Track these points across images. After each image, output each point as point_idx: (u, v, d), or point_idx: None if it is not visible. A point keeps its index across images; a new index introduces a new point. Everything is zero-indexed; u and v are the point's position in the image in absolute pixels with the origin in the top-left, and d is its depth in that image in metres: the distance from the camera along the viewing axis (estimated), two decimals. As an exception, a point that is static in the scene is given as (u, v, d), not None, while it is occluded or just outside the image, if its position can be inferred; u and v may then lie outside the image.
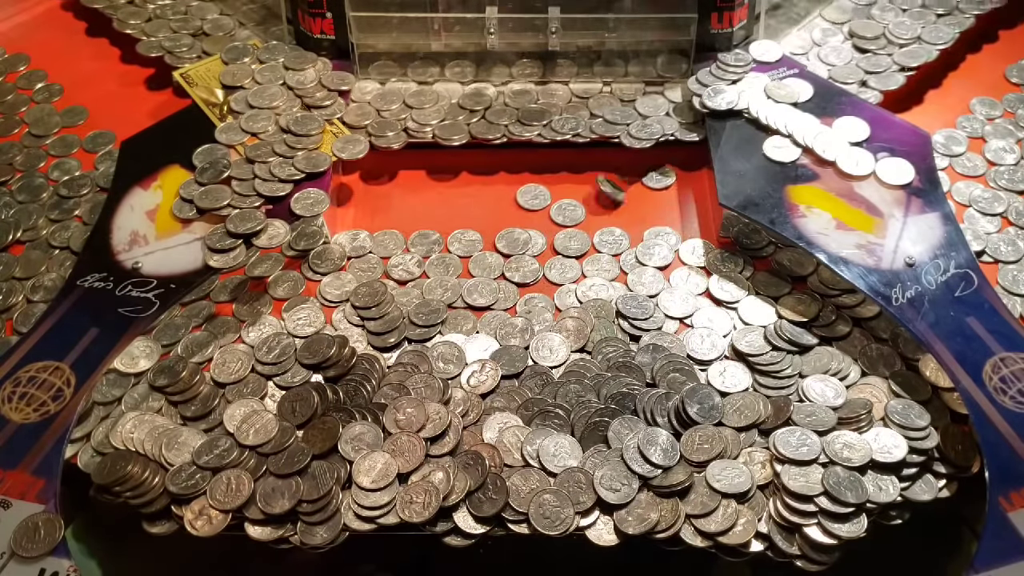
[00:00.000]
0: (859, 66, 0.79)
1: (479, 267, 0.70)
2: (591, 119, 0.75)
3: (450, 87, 0.78)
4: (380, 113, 0.76)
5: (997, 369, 0.59)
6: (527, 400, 0.61)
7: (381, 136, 0.74)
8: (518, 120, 0.75)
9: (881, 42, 0.80)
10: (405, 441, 0.59)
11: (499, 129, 0.74)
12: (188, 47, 0.82)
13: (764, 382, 0.62)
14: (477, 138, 0.74)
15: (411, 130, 0.74)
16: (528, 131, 0.74)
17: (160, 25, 0.84)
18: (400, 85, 0.78)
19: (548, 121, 0.74)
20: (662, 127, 0.74)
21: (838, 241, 0.65)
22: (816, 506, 0.56)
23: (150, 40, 0.83)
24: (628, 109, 0.76)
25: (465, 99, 0.77)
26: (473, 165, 0.76)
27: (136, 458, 0.59)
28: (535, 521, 0.56)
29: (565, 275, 0.69)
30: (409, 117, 0.75)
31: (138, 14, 0.85)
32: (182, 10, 0.85)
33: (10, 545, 0.55)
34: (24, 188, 0.75)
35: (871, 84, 0.77)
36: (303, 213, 0.68)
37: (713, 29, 0.78)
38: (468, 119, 0.75)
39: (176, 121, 0.75)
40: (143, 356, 0.64)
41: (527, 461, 0.58)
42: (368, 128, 0.74)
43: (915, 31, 0.81)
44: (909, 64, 0.78)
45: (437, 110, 0.76)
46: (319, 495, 0.56)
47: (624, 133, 0.74)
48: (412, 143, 0.74)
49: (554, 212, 0.73)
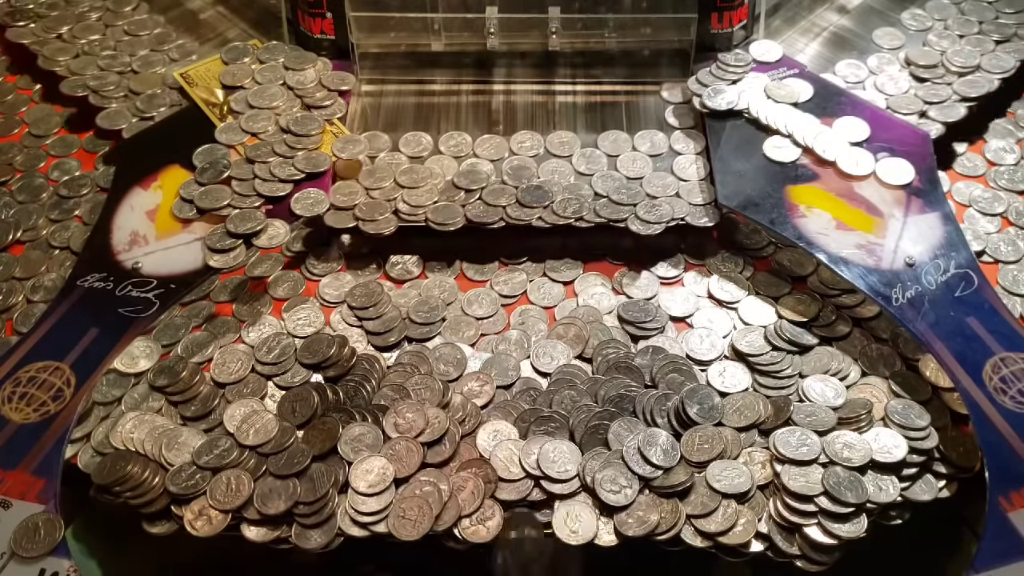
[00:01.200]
0: (917, 95, 0.75)
1: (475, 269, 0.70)
2: (595, 199, 0.69)
3: (444, 162, 0.72)
4: (369, 193, 0.70)
5: (997, 369, 0.59)
6: (523, 412, 0.61)
7: (369, 221, 0.68)
8: (517, 201, 0.69)
9: (939, 71, 0.77)
10: (403, 446, 0.58)
11: (497, 212, 0.68)
12: (115, 85, 0.79)
13: (764, 382, 0.62)
14: (474, 222, 0.68)
15: (403, 213, 0.69)
16: (528, 215, 0.68)
17: (88, 62, 0.81)
18: (390, 159, 0.73)
19: (549, 203, 0.69)
20: (672, 209, 0.68)
21: (838, 241, 0.65)
22: (816, 506, 0.56)
23: (75, 78, 0.79)
24: (635, 187, 0.70)
25: (460, 178, 0.70)
26: (468, 250, 0.71)
27: (136, 458, 0.59)
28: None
29: (555, 290, 0.68)
30: (400, 198, 0.69)
31: (65, 50, 0.82)
32: (111, 45, 0.83)
33: (10, 545, 0.55)
34: (24, 188, 0.75)
35: (931, 115, 0.74)
36: (303, 213, 0.68)
37: (713, 29, 0.78)
38: (464, 200, 0.69)
39: (176, 121, 0.75)
40: (143, 356, 0.64)
41: (527, 471, 0.58)
42: (356, 212, 0.68)
43: (974, 59, 0.77)
44: (969, 94, 0.75)
45: (430, 190, 0.70)
46: (315, 498, 0.56)
47: (631, 215, 0.68)
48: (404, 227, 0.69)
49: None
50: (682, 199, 0.70)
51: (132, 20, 0.85)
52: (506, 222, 0.68)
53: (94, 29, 0.84)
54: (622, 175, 0.71)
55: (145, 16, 0.86)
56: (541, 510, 0.58)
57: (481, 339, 0.66)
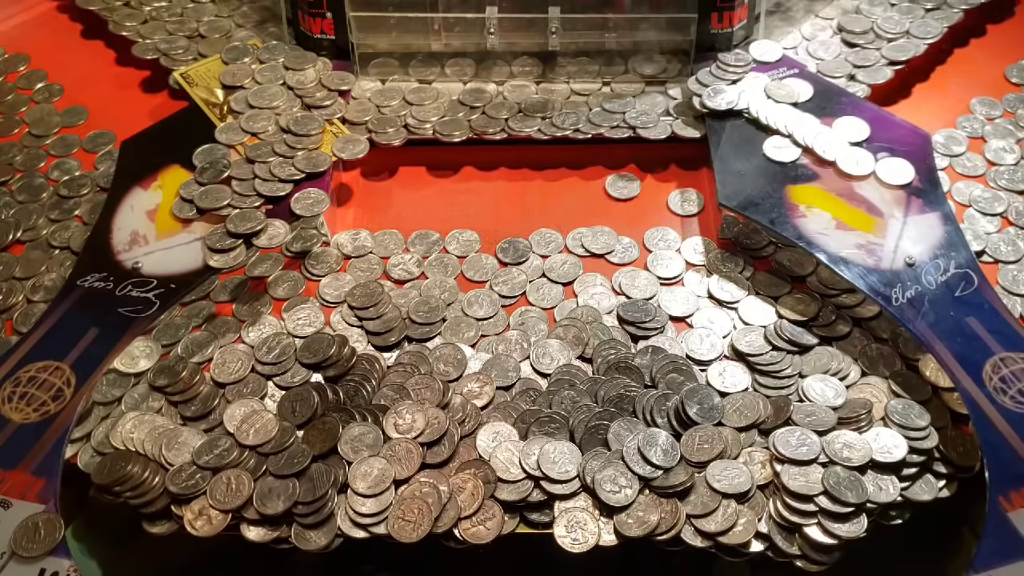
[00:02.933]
0: (848, 60, 0.79)
1: (475, 269, 0.69)
2: (591, 111, 0.75)
3: (450, 85, 0.78)
4: (380, 110, 0.76)
5: (997, 369, 0.59)
6: (523, 413, 0.61)
7: (381, 132, 0.74)
8: (519, 111, 0.75)
9: (870, 36, 0.81)
10: (403, 448, 0.58)
11: (499, 123, 0.74)
12: (184, 49, 0.81)
13: (764, 382, 0.62)
14: (477, 132, 0.74)
15: (411, 126, 0.75)
16: (528, 126, 0.74)
17: (156, 27, 0.84)
18: (400, 84, 0.78)
19: (548, 115, 0.74)
20: (669, 125, 0.74)
21: (838, 241, 0.65)
22: (816, 506, 0.56)
23: (145, 42, 0.82)
24: (628, 101, 0.76)
25: (465, 95, 0.77)
26: (474, 161, 0.76)
27: (136, 458, 0.59)
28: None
29: (554, 291, 0.69)
30: (409, 114, 0.75)
31: (133, 16, 0.85)
32: (178, 12, 0.85)
33: (10, 545, 0.55)
34: (24, 188, 0.75)
35: (859, 78, 0.77)
36: (303, 213, 0.68)
37: (713, 29, 0.78)
38: (468, 115, 0.75)
39: (176, 121, 0.75)
40: (143, 356, 0.64)
41: (527, 472, 0.58)
42: (368, 124, 0.74)
43: (903, 26, 0.81)
44: (897, 58, 0.78)
45: (437, 107, 0.76)
46: (315, 497, 0.56)
47: (621, 121, 0.74)
48: (412, 140, 0.74)
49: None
50: (671, 114, 0.75)
51: None
52: (508, 133, 0.74)
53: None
54: (616, 96, 0.77)
55: None
56: (541, 511, 0.58)
57: (481, 340, 0.66)
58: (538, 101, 0.76)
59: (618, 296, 0.68)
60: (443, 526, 0.56)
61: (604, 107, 0.75)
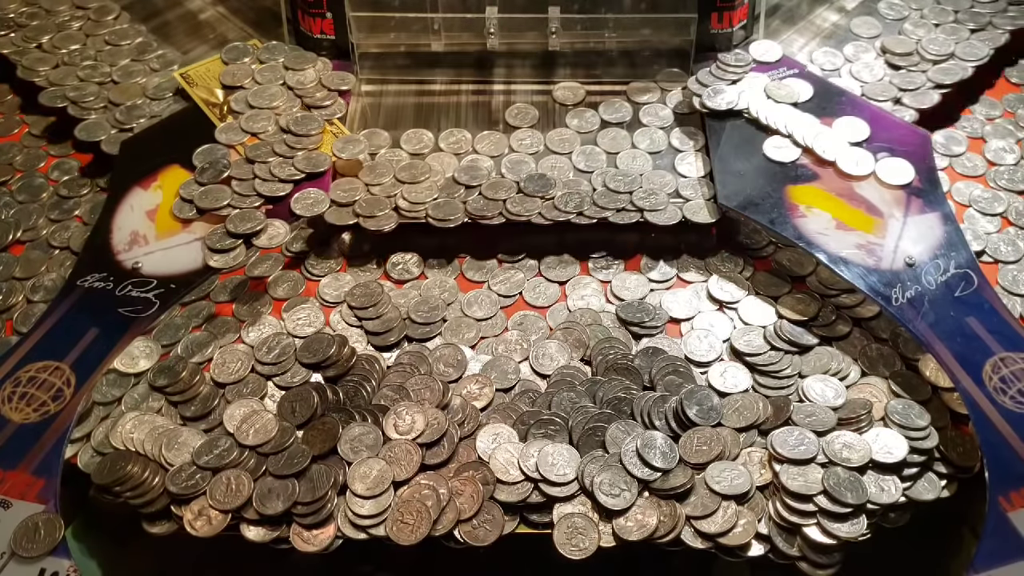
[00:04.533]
0: (892, 83, 0.77)
1: (474, 269, 0.69)
2: (594, 193, 0.69)
3: (444, 158, 0.72)
4: (369, 189, 0.70)
5: (997, 369, 0.59)
6: (522, 414, 0.61)
7: (369, 218, 0.68)
8: (519, 191, 0.69)
9: (914, 59, 0.78)
10: (401, 449, 0.58)
11: (497, 206, 0.68)
12: (94, 96, 0.77)
13: (764, 382, 0.62)
14: (474, 217, 0.68)
15: (402, 209, 0.68)
16: (528, 210, 0.68)
17: (67, 72, 0.79)
18: (391, 156, 0.73)
19: (549, 197, 0.69)
20: (671, 207, 0.69)
21: (838, 241, 0.65)
22: (816, 506, 0.56)
23: (53, 89, 0.78)
24: (634, 179, 0.70)
25: (460, 173, 0.70)
26: (469, 248, 0.71)
27: (136, 458, 0.59)
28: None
29: (550, 290, 0.68)
30: (400, 194, 0.69)
31: (45, 60, 0.80)
32: (91, 55, 0.81)
33: (10, 545, 0.55)
34: (24, 188, 0.75)
35: (905, 102, 0.75)
36: (303, 213, 0.68)
37: (713, 29, 0.78)
38: (464, 196, 0.69)
39: (176, 121, 0.75)
40: (143, 356, 0.64)
41: (526, 475, 0.58)
42: (356, 208, 0.68)
43: (949, 47, 0.79)
44: (943, 81, 0.76)
45: (430, 186, 0.70)
46: (314, 498, 0.56)
47: (627, 205, 0.69)
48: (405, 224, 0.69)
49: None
50: (681, 196, 0.70)
51: (114, 30, 0.83)
52: (506, 217, 0.68)
53: (75, 39, 0.82)
54: (622, 171, 0.72)
55: (127, 25, 0.84)
56: (540, 512, 0.57)
57: (481, 341, 0.65)
58: (538, 177, 0.70)
59: (610, 303, 0.67)
60: (442, 528, 0.56)
61: (609, 187, 0.69)
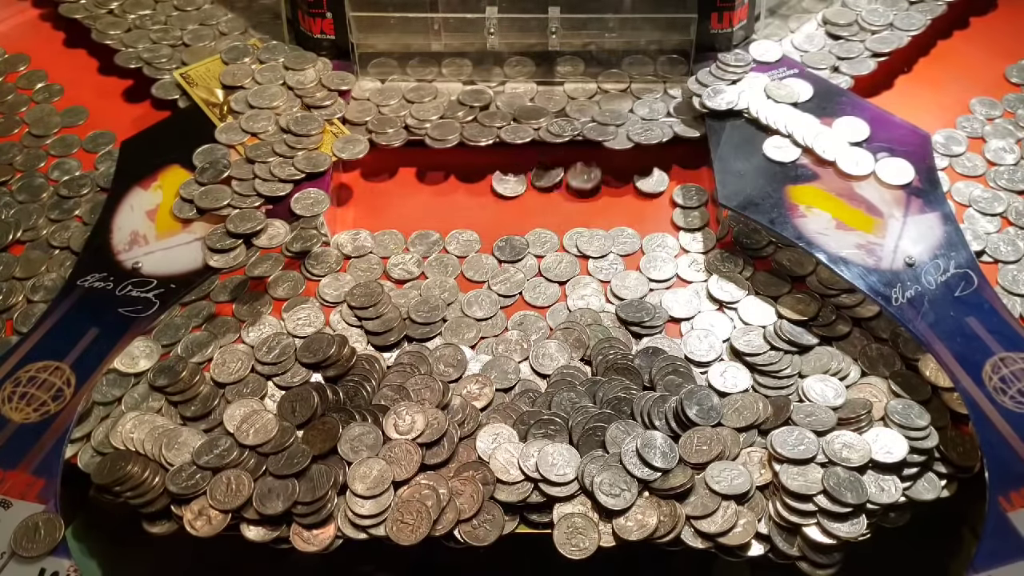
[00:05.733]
0: (832, 52, 0.79)
1: (474, 269, 0.69)
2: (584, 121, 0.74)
3: (450, 85, 0.78)
4: (380, 109, 0.76)
5: (997, 369, 0.59)
6: (522, 414, 0.61)
7: (381, 133, 0.74)
8: (513, 120, 0.74)
9: (854, 29, 0.81)
10: (401, 449, 0.58)
11: (491, 132, 0.74)
12: (168, 58, 0.80)
13: (764, 382, 0.62)
14: (469, 140, 0.73)
15: (411, 127, 0.74)
16: (520, 136, 0.73)
17: (140, 36, 0.83)
18: (400, 83, 0.78)
19: (539, 126, 0.74)
20: (662, 130, 0.73)
21: (838, 241, 0.65)
22: (816, 506, 0.56)
23: (128, 51, 0.81)
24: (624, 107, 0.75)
25: (465, 96, 0.76)
26: (469, 164, 0.75)
27: (136, 458, 0.59)
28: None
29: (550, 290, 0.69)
30: (409, 113, 0.75)
31: (117, 24, 0.84)
32: (162, 20, 0.84)
33: (10, 545, 0.55)
34: (24, 188, 0.75)
35: (843, 69, 0.78)
36: (303, 213, 0.68)
37: (713, 29, 0.78)
38: (467, 115, 0.75)
39: (176, 121, 0.75)
40: (143, 356, 0.64)
41: (526, 475, 0.58)
42: (368, 125, 0.74)
43: (887, 18, 0.81)
44: (881, 50, 0.79)
45: (436, 106, 0.76)
46: (314, 498, 0.56)
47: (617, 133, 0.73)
48: (412, 140, 0.74)
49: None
50: (673, 116, 0.74)
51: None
52: (499, 139, 0.73)
53: (144, 4, 0.86)
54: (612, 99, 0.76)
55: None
56: (540, 512, 0.57)
57: (481, 341, 0.65)
58: (532, 108, 0.75)
59: (609, 303, 0.67)
60: (442, 529, 0.56)
61: (597, 120, 0.74)
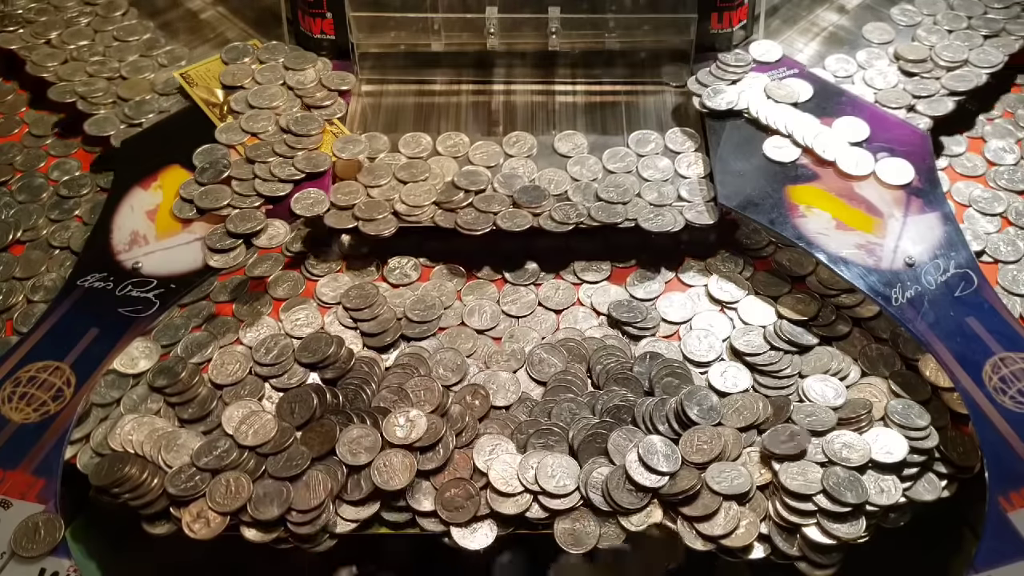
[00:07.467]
0: (906, 90, 0.76)
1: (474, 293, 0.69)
2: (593, 202, 0.69)
3: (444, 163, 0.72)
4: (368, 191, 0.69)
5: (997, 369, 0.59)
6: (520, 424, 0.60)
7: (368, 221, 0.67)
8: (513, 204, 0.69)
9: (927, 65, 0.77)
10: (398, 461, 0.58)
11: (488, 219, 0.68)
12: (103, 91, 0.78)
13: (764, 382, 0.62)
14: (465, 229, 0.68)
15: (401, 214, 0.68)
16: (519, 225, 0.67)
17: (76, 68, 0.80)
18: (389, 160, 0.72)
19: (539, 212, 0.68)
20: (673, 214, 0.68)
21: (838, 241, 0.65)
22: (815, 505, 0.56)
23: (62, 84, 0.78)
24: (631, 186, 0.70)
25: (460, 177, 0.70)
26: (467, 252, 0.71)
27: (134, 460, 0.59)
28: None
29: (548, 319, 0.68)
30: (399, 198, 0.69)
31: (53, 56, 0.81)
32: (100, 51, 0.81)
33: (10, 545, 0.55)
34: (24, 188, 0.75)
35: (919, 109, 0.74)
36: (303, 213, 0.68)
37: (713, 29, 0.78)
38: (463, 200, 0.69)
39: (176, 121, 0.75)
40: (143, 357, 0.64)
41: (525, 487, 0.57)
42: (355, 211, 0.68)
43: (963, 54, 0.78)
44: (958, 88, 0.75)
45: (429, 189, 0.69)
46: (309, 507, 0.56)
47: (624, 220, 0.68)
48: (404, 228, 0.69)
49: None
50: (683, 202, 0.69)
51: (121, 25, 0.84)
52: (497, 227, 0.67)
53: (83, 35, 0.83)
54: (616, 182, 0.71)
55: (135, 21, 0.85)
56: (541, 524, 0.57)
57: (479, 351, 0.65)
58: (533, 191, 0.69)
59: (599, 316, 0.67)
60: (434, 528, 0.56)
61: (601, 197, 0.69)
